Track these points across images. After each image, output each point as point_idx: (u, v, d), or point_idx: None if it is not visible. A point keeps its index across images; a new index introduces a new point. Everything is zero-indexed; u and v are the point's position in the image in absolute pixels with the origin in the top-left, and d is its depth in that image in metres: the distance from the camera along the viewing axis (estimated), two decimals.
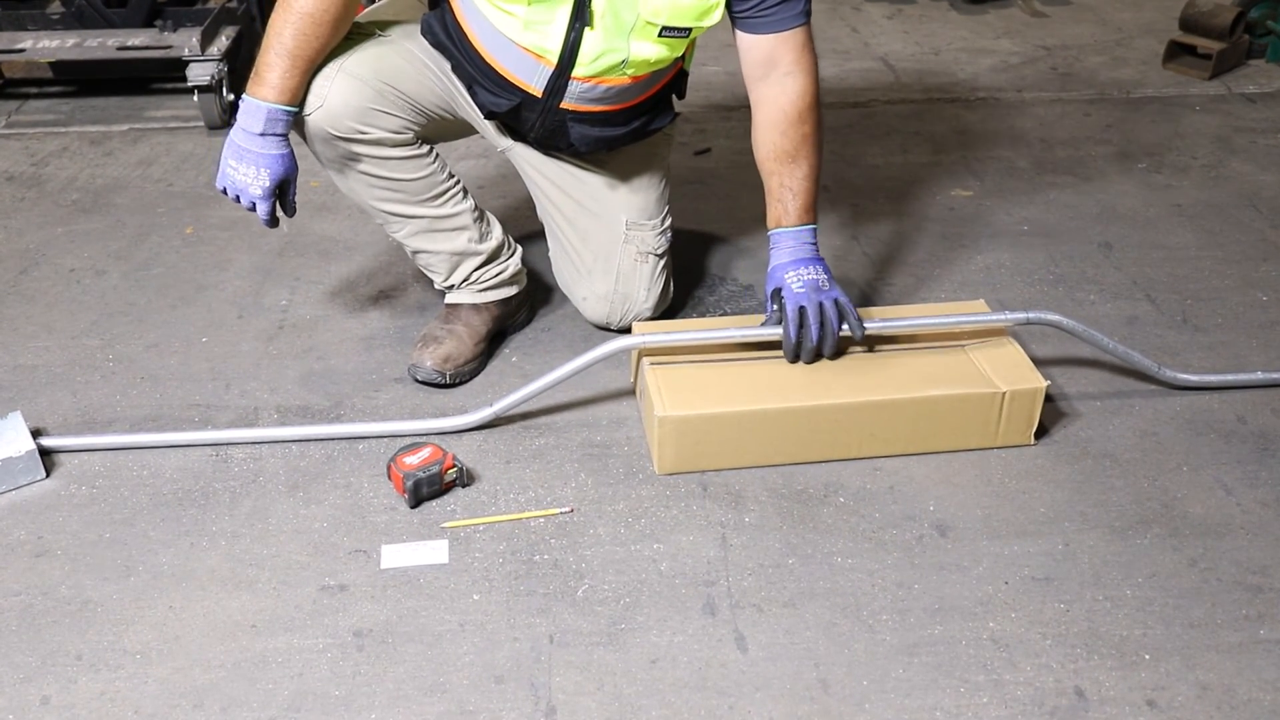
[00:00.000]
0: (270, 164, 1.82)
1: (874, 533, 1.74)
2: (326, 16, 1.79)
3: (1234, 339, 2.22)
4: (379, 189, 1.96)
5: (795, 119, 1.87)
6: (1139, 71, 3.54)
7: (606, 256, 2.11)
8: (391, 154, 1.93)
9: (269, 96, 1.80)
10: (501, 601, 1.62)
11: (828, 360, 1.91)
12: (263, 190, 1.82)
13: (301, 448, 1.91)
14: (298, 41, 1.79)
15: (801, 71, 1.87)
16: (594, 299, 2.15)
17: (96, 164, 2.93)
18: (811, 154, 1.90)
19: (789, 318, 1.85)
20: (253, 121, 1.81)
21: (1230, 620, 1.60)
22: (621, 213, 2.10)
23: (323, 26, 1.79)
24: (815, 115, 1.90)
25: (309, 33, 1.79)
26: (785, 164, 1.89)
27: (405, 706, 1.47)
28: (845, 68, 3.59)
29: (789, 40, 1.84)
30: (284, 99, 1.81)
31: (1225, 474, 1.87)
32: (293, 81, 1.81)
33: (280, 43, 1.79)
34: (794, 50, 1.85)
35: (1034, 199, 2.76)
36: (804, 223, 1.91)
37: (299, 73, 1.81)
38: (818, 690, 1.50)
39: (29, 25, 3.24)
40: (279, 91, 1.80)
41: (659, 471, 1.86)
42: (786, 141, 1.88)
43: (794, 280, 1.87)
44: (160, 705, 1.47)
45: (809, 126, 1.89)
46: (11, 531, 1.75)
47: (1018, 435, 1.91)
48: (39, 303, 2.34)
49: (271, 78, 1.80)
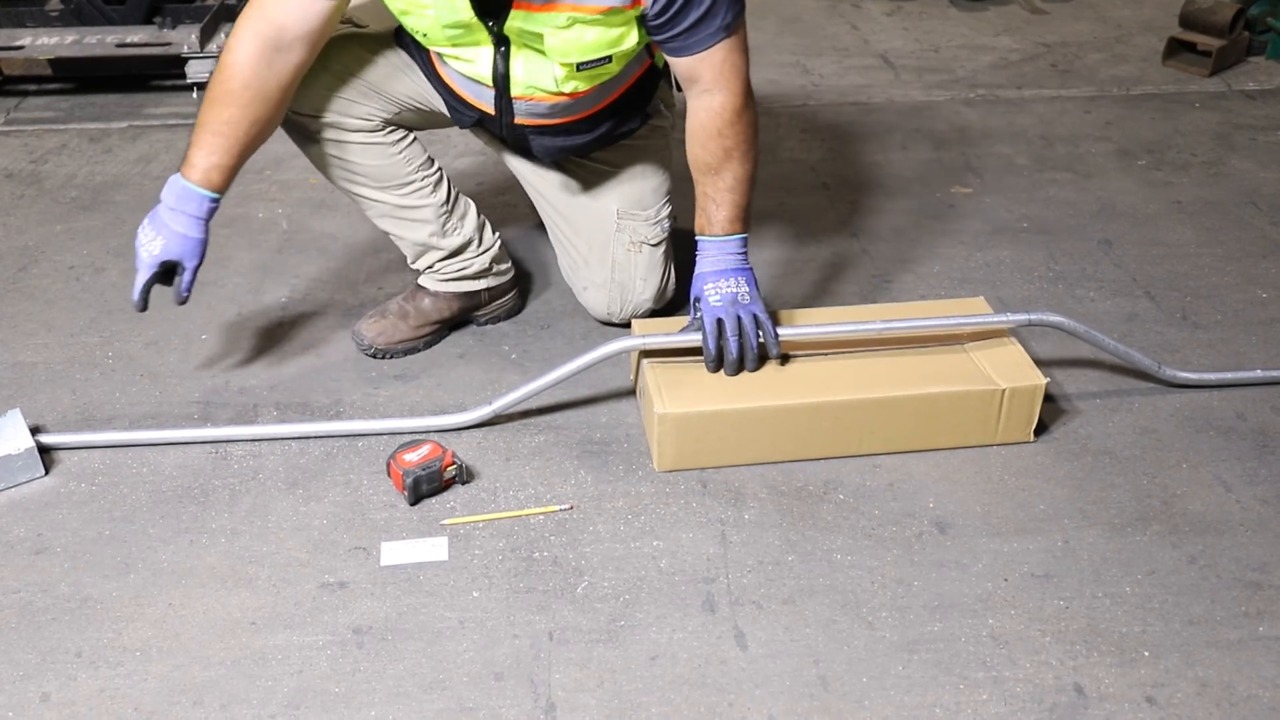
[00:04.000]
0: (169, 238, 1.82)
1: (873, 530, 1.74)
2: (247, 94, 1.78)
3: (1233, 336, 2.22)
4: (337, 169, 2.02)
5: (714, 133, 1.84)
6: (1139, 68, 3.54)
7: (601, 246, 2.12)
8: (350, 139, 1.96)
9: (186, 174, 1.82)
10: (501, 598, 1.62)
11: (827, 358, 1.91)
12: (149, 257, 1.82)
13: (301, 445, 1.91)
14: (212, 113, 1.79)
15: (719, 89, 1.82)
16: (592, 288, 2.15)
17: (96, 161, 2.93)
18: (736, 166, 1.86)
19: (707, 330, 1.84)
20: (168, 193, 1.83)
21: (1229, 617, 1.60)
22: (613, 202, 2.10)
23: (234, 96, 1.78)
24: (738, 129, 1.84)
25: (220, 102, 1.78)
26: (708, 175, 1.87)
27: (405, 703, 1.47)
28: (845, 65, 3.59)
29: (706, 60, 1.79)
30: (196, 177, 1.81)
31: (1225, 471, 1.87)
32: (208, 159, 1.80)
33: (200, 119, 1.81)
34: (712, 69, 1.80)
35: (1034, 196, 2.76)
36: (730, 232, 1.88)
37: (218, 152, 1.80)
38: (817, 687, 1.50)
39: (28, 22, 3.24)
40: (193, 169, 1.81)
41: (658, 468, 1.86)
42: (707, 154, 1.86)
43: (712, 292, 1.86)
44: (160, 702, 1.47)
45: (730, 140, 1.84)
46: (11, 529, 1.75)
47: (1017, 433, 1.91)
48: (38, 300, 2.34)
49: (191, 153, 1.82)
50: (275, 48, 1.77)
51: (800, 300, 2.32)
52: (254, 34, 1.76)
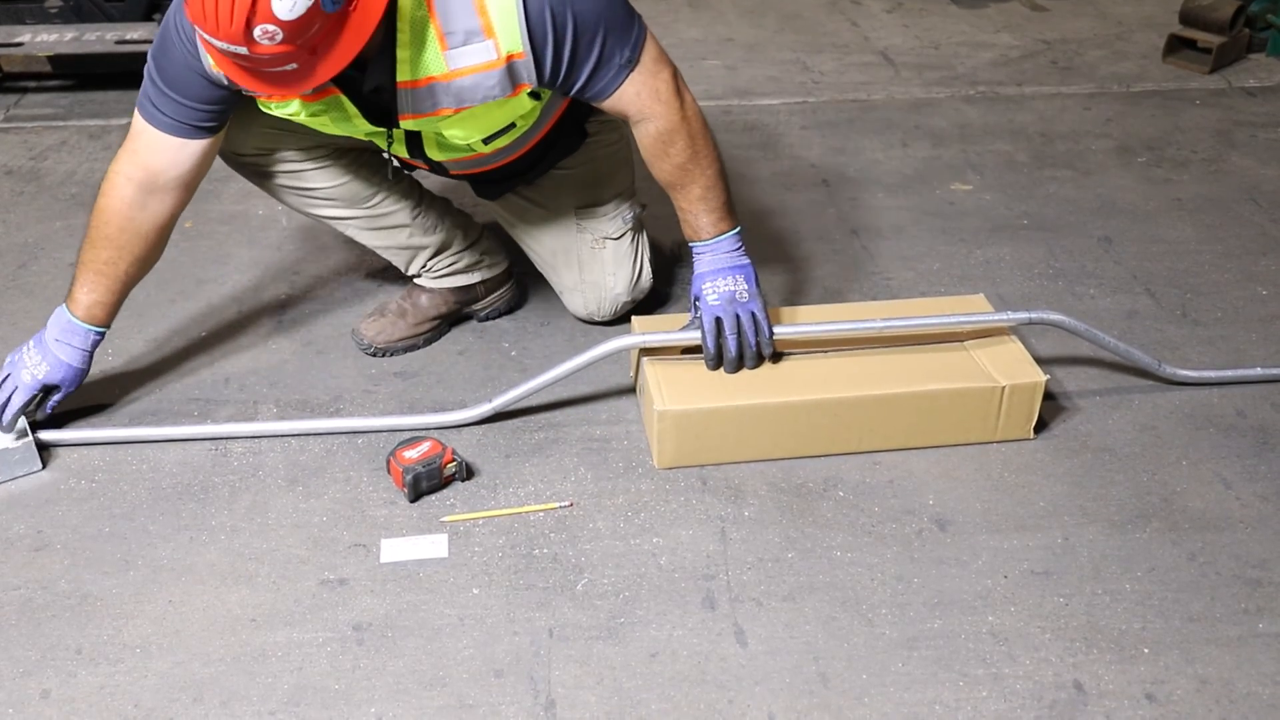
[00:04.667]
0: (54, 365, 1.84)
1: (873, 527, 1.74)
2: (123, 237, 1.81)
3: (1233, 333, 2.22)
4: (301, 196, 2.01)
5: (661, 155, 1.84)
6: (1139, 65, 3.54)
7: (565, 249, 2.13)
8: (304, 167, 1.96)
9: (71, 308, 1.85)
10: (501, 595, 1.62)
11: (827, 355, 1.91)
12: (31, 380, 1.84)
13: (301, 442, 1.91)
14: (91, 252, 1.82)
15: (648, 118, 1.81)
16: (567, 291, 2.17)
17: (95, 158, 2.93)
18: (698, 174, 1.85)
19: (705, 329, 1.85)
20: (54, 324, 1.86)
21: (1229, 614, 1.60)
22: (569, 205, 2.11)
23: (110, 239, 1.81)
24: (680, 144, 1.83)
25: (98, 243, 1.82)
26: (675, 190, 1.89)
27: (405, 700, 1.47)
28: (845, 62, 3.59)
29: (621, 98, 1.79)
30: (80, 313, 1.84)
31: (1224, 468, 1.87)
32: (89, 296, 1.84)
33: (81, 255, 1.84)
34: (633, 103, 1.79)
35: (1034, 193, 2.76)
36: (717, 233, 1.89)
37: (99, 290, 1.83)
38: (817, 684, 1.50)
39: (27, 19, 3.24)
40: (77, 304, 1.84)
41: (658, 466, 1.86)
42: (664, 174, 1.87)
43: (709, 291, 1.86)
44: (160, 699, 1.47)
45: (679, 157, 1.83)
46: (11, 526, 1.75)
47: (1017, 430, 1.91)
48: (38, 297, 2.33)
49: (75, 289, 1.85)
50: (148, 191, 1.79)
51: (800, 297, 2.32)
52: (126, 178, 1.79)
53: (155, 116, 1.74)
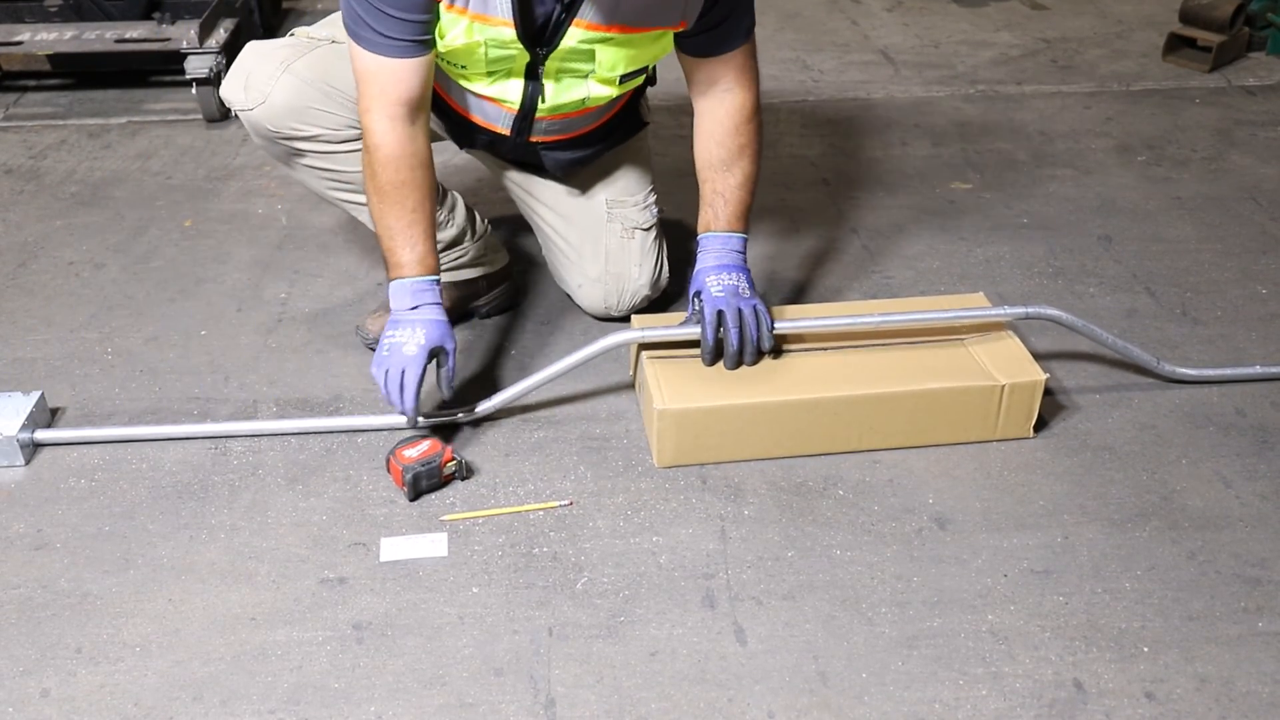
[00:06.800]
0: (427, 328, 1.80)
1: (873, 525, 1.74)
2: (420, 173, 1.78)
3: (1233, 332, 2.22)
4: (326, 180, 2.01)
5: (732, 130, 1.89)
6: (1139, 64, 3.53)
7: (594, 238, 2.12)
8: (334, 148, 1.96)
9: (402, 274, 1.81)
10: (501, 594, 1.62)
11: (827, 353, 1.91)
12: (417, 349, 1.79)
13: (300, 440, 1.91)
14: (393, 212, 1.79)
15: (740, 88, 1.89)
16: (588, 284, 2.15)
17: (95, 157, 2.93)
18: (747, 164, 1.91)
19: (706, 320, 1.85)
20: (397, 299, 1.82)
21: (1229, 613, 1.60)
22: (602, 193, 2.12)
23: (406, 183, 1.78)
24: (752, 127, 1.92)
25: (398, 197, 1.78)
26: (719, 171, 1.91)
27: (405, 699, 1.47)
28: (845, 60, 3.59)
29: (730, 61, 1.86)
30: (415, 271, 1.81)
31: (1224, 467, 1.87)
32: (415, 252, 1.80)
33: (384, 225, 1.80)
34: (735, 70, 1.88)
35: (1034, 192, 2.76)
36: (733, 230, 1.91)
37: (419, 239, 1.81)
38: (817, 683, 1.50)
39: (26, 18, 3.23)
40: (406, 266, 1.81)
41: (658, 464, 1.86)
42: (723, 151, 1.90)
43: (714, 284, 1.87)
44: (160, 698, 1.47)
45: (745, 138, 1.90)
46: (11, 524, 1.75)
47: (1017, 428, 1.91)
48: (38, 296, 2.33)
49: (395, 259, 1.81)
50: (409, 121, 1.77)
51: (800, 296, 2.32)
52: (389, 120, 1.76)
53: (384, 44, 1.71)
